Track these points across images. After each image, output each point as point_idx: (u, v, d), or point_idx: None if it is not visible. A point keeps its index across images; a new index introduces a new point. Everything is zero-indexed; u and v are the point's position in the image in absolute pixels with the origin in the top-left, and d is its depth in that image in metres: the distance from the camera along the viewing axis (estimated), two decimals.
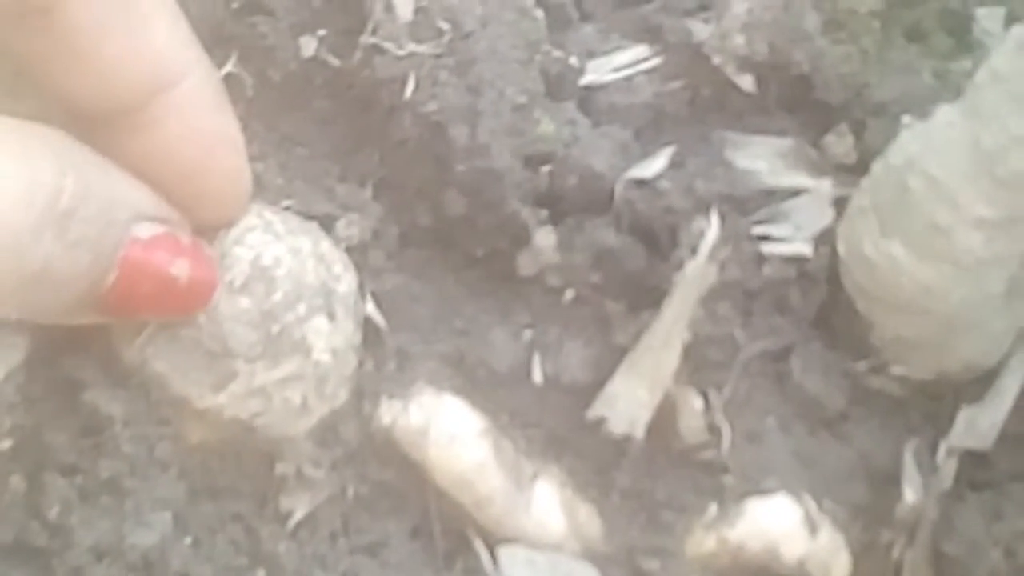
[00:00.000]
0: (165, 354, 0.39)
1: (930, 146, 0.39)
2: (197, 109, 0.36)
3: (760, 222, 0.43)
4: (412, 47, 0.41)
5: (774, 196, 0.43)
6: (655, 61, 0.44)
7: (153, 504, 0.39)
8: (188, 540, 0.40)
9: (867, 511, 0.43)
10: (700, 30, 0.43)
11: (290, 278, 0.39)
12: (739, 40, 0.42)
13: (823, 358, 0.44)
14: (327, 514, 0.41)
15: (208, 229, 0.39)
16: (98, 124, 0.36)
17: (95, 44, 0.34)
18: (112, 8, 0.34)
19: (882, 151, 0.42)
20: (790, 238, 0.43)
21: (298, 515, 0.41)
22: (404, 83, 0.41)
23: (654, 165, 0.42)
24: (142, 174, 0.37)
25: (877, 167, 0.42)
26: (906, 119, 0.42)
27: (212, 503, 0.41)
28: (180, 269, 0.36)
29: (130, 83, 0.35)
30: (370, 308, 0.42)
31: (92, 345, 0.40)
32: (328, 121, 0.43)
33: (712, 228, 0.41)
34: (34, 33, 0.34)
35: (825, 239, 0.43)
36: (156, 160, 0.36)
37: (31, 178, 0.31)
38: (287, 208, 0.42)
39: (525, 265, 0.43)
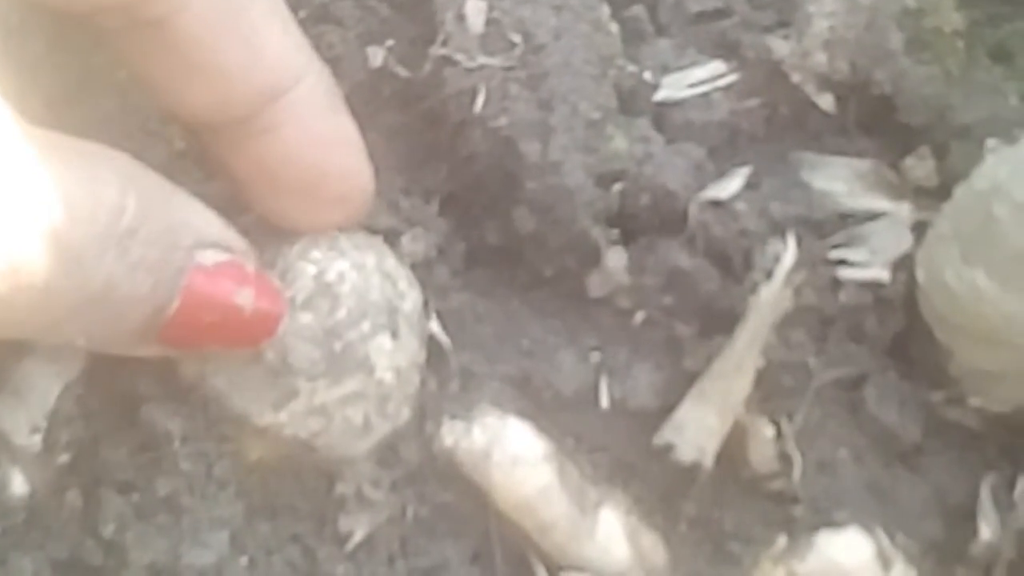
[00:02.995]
0: (225, 370, 0.39)
1: (1017, 171, 0.38)
2: (312, 112, 0.36)
3: (837, 246, 0.42)
4: (483, 59, 0.40)
5: (851, 219, 0.42)
6: (732, 78, 0.43)
7: (210, 523, 0.39)
8: (245, 560, 0.39)
9: (941, 547, 0.42)
10: (779, 47, 0.42)
11: (354, 295, 0.39)
12: (820, 58, 0.41)
13: (899, 388, 0.42)
14: (386, 536, 0.40)
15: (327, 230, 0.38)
16: (214, 132, 0.36)
17: (209, 56, 0.33)
18: (224, 19, 0.33)
19: (965, 175, 0.40)
20: (867, 263, 0.41)
21: (357, 536, 0.40)
22: (474, 96, 0.40)
23: (729, 186, 0.41)
24: (261, 178, 0.36)
25: (960, 192, 0.40)
26: (991, 143, 0.41)
27: (270, 523, 0.40)
28: (245, 299, 0.35)
29: (245, 92, 0.35)
30: (434, 326, 0.41)
31: (151, 359, 0.40)
32: (395, 133, 0.42)
33: (788, 252, 0.40)
34: (147, 46, 0.33)
35: (903, 265, 0.42)
36: (274, 164, 0.36)
37: (95, 197, 0.30)
38: None
39: (595, 286, 0.41)
